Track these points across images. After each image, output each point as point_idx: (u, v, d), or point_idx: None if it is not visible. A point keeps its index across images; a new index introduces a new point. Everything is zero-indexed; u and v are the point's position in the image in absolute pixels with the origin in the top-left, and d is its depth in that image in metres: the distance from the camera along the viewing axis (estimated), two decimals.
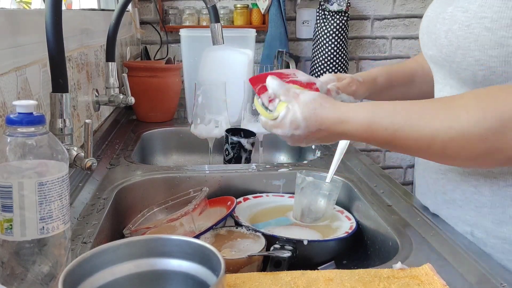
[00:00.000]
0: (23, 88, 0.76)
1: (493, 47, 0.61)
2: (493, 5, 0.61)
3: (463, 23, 0.64)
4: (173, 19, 2.39)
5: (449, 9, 0.68)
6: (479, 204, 0.69)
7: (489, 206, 0.68)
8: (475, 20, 0.62)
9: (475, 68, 0.63)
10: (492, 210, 0.68)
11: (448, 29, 0.67)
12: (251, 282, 0.59)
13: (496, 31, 0.60)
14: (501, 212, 0.67)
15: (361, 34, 2.56)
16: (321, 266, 0.81)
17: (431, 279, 0.59)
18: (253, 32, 1.47)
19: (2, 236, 0.50)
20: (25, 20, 0.80)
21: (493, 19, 0.60)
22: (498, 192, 0.67)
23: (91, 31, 1.26)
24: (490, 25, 0.61)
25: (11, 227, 0.49)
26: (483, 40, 0.61)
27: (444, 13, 0.69)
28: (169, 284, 0.51)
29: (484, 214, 0.69)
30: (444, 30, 0.68)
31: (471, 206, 0.71)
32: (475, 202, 0.70)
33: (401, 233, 0.74)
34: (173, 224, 0.80)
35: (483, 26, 0.61)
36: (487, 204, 0.68)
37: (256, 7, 2.42)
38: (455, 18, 0.66)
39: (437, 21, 0.71)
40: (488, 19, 0.61)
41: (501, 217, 0.67)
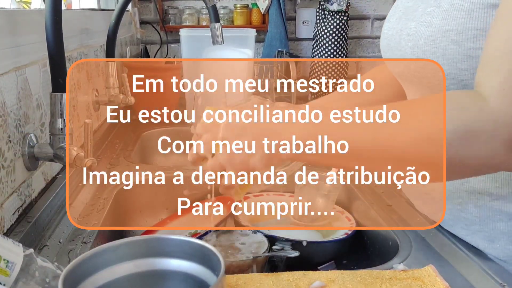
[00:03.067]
0: (23, 88, 0.76)
1: (461, 60, 0.58)
2: (456, 17, 0.59)
3: (428, 37, 0.62)
4: (173, 19, 2.39)
5: (412, 24, 0.66)
6: (467, 222, 0.68)
7: (477, 223, 0.67)
8: (440, 34, 0.60)
9: (447, 83, 0.61)
10: (481, 227, 0.66)
11: (414, 45, 0.64)
12: (252, 283, 0.59)
13: (463, 43, 0.58)
14: (491, 229, 0.66)
15: (361, 34, 2.56)
16: (321, 266, 0.81)
17: (434, 281, 0.59)
18: (253, 32, 1.47)
19: None
20: (25, 20, 0.79)
21: (458, 31, 0.58)
22: (484, 207, 0.65)
23: (91, 31, 1.25)
24: (456, 38, 0.58)
25: None
26: (451, 53, 0.59)
27: (407, 29, 0.66)
28: (169, 284, 0.51)
29: (474, 231, 0.67)
30: (410, 46, 0.65)
31: (461, 225, 0.69)
32: (464, 220, 0.68)
33: (401, 233, 0.74)
34: None
35: (449, 39, 0.59)
36: (475, 221, 0.67)
37: (256, 7, 2.42)
38: (420, 33, 0.63)
39: (401, 37, 0.68)
40: (453, 31, 0.59)
41: (492, 234, 0.66)
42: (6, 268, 0.48)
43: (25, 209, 0.75)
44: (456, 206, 0.68)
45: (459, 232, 0.70)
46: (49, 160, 0.77)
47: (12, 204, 0.70)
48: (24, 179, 0.75)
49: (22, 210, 0.74)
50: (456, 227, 0.70)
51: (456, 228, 0.70)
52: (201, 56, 1.44)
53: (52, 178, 0.89)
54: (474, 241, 0.68)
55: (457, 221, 0.69)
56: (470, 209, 0.67)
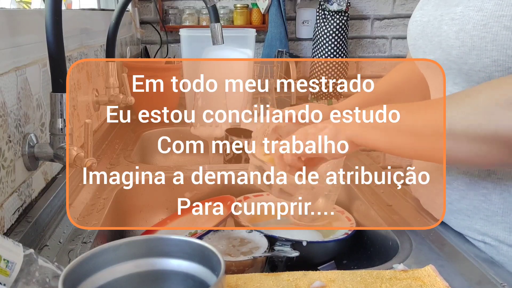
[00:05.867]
0: (23, 88, 0.76)
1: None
2: (510, 3, 0.58)
3: (478, 22, 0.61)
4: (173, 19, 2.39)
5: (458, 9, 0.65)
6: (489, 213, 0.67)
7: (500, 214, 0.66)
8: (493, 19, 0.59)
9: (491, 69, 0.61)
10: (503, 218, 0.66)
11: (459, 29, 0.63)
12: (252, 283, 0.59)
13: None
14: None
15: (361, 34, 2.56)
16: (321, 266, 0.81)
17: (434, 281, 0.59)
18: (253, 32, 1.47)
19: None
20: (25, 20, 0.79)
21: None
22: (509, 199, 0.65)
23: (91, 31, 1.26)
24: (509, 24, 0.58)
25: None
26: (502, 39, 0.59)
27: (451, 14, 0.66)
28: (169, 284, 0.51)
29: (495, 222, 0.67)
30: (454, 31, 0.64)
31: (480, 216, 0.69)
32: (485, 211, 0.68)
33: (401, 233, 0.74)
34: None
35: (502, 25, 0.58)
36: (498, 212, 0.67)
37: (256, 7, 2.42)
38: (468, 17, 0.62)
39: (441, 23, 0.67)
40: (507, 17, 0.58)
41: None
42: (6, 268, 0.48)
43: (25, 209, 0.75)
44: (479, 196, 0.68)
45: (475, 224, 0.70)
46: (49, 160, 0.77)
47: (12, 204, 0.70)
48: (24, 179, 0.75)
49: (22, 210, 0.74)
50: (475, 218, 0.70)
51: (474, 219, 0.70)
52: (201, 56, 1.44)
53: (52, 178, 0.89)
54: (492, 231, 0.68)
55: (477, 212, 0.69)
56: (494, 200, 0.67)
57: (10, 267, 0.48)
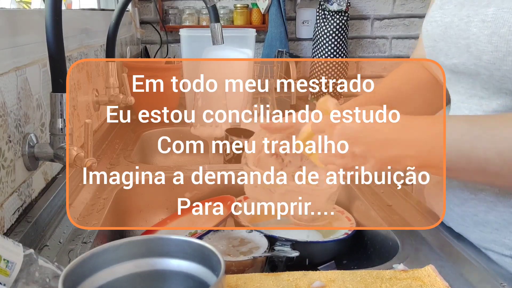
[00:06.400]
0: (23, 88, 0.76)
1: None
2: None
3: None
4: (173, 19, 2.39)
5: (489, 10, 0.59)
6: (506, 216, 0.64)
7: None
8: None
9: None
10: None
11: (492, 32, 0.58)
12: (252, 283, 0.59)
13: None
14: None
15: (361, 34, 2.56)
16: (321, 266, 0.81)
17: (434, 281, 0.59)
18: (253, 32, 1.47)
19: None
20: (24, 20, 0.79)
21: None
22: None
23: (91, 31, 1.26)
24: None
25: None
26: None
27: (482, 15, 0.61)
28: (169, 284, 0.51)
29: (507, 224, 0.64)
30: (487, 34, 0.59)
31: (510, 229, 0.64)
32: (501, 213, 0.64)
33: (401, 233, 0.74)
34: None
35: None
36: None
37: (256, 7, 2.42)
38: (502, 20, 0.57)
39: (470, 25, 0.62)
40: None
41: None
42: (6, 268, 0.48)
43: (25, 209, 0.75)
44: (509, 209, 0.64)
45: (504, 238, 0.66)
46: (49, 160, 0.77)
47: (12, 204, 0.70)
48: (24, 179, 0.75)
49: (22, 210, 0.74)
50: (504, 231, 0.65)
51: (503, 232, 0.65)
52: (201, 56, 1.44)
53: (52, 178, 0.89)
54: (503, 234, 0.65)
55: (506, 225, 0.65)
56: None
57: (10, 267, 0.48)
